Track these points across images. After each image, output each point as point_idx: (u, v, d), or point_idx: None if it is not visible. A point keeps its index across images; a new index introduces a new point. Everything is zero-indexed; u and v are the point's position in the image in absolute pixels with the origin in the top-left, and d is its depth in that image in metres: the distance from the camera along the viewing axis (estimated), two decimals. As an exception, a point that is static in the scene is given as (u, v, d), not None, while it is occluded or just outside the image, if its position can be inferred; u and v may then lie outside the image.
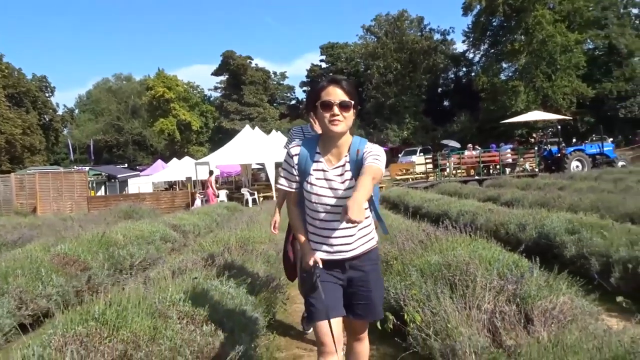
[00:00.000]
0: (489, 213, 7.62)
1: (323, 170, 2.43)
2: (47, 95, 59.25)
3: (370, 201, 2.45)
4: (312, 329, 2.83)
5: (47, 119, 57.68)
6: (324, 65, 60.60)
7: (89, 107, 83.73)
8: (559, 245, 5.24)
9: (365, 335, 2.60)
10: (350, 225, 2.23)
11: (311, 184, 2.43)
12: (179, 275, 3.67)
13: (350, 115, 2.37)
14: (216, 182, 24.77)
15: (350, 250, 2.43)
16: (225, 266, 4.06)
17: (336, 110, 2.32)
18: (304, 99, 63.21)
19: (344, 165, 2.41)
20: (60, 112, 63.98)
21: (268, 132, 29.73)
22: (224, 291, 3.38)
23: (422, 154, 35.03)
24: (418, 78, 48.59)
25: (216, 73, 63.05)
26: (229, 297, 3.33)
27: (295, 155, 2.47)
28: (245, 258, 4.69)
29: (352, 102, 2.35)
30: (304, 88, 64.74)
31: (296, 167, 2.47)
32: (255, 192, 21.94)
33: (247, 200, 21.00)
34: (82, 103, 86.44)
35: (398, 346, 3.06)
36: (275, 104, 64.63)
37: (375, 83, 48.90)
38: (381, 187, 21.25)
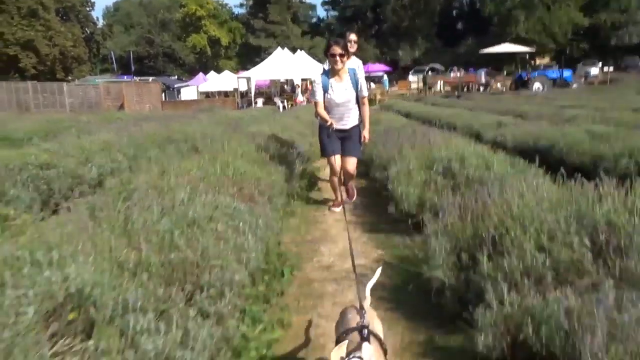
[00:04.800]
0: (427, 112, 13.73)
1: (334, 86, 4.80)
2: (87, 9, 63.91)
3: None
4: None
5: (89, 32, 62.84)
6: (344, -15, 63.42)
7: (117, 19, 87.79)
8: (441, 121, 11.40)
9: (352, 172, 5.09)
10: (350, 114, 4.92)
11: (329, 93, 4.82)
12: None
13: (345, 59, 4.67)
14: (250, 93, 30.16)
15: (347, 124, 4.96)
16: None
17: (337, 59, 4.63)
18: (325, 19, 66.93)
19: (347, 82, 4.84)
20: (100, 25, 69.03)
21: (292, 50, 34.47)
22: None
23: (428, 72, 39.13)
24: (433, 2, 51.91)
25: (243, -10, 66.46)
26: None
27: (320, 82, 4.83)
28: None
29: (345, 53, 4.65)
30: (325, 7, 68.06)
31: (321, 87, 4.82)
32: (285, 100, 27.67)
33: (279, 107, 27.01)
34: (109, 14, 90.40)
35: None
36: (297, 22, 68.22)
37: (392, 6, 52.39)
38: (383, 99, 26.90)
